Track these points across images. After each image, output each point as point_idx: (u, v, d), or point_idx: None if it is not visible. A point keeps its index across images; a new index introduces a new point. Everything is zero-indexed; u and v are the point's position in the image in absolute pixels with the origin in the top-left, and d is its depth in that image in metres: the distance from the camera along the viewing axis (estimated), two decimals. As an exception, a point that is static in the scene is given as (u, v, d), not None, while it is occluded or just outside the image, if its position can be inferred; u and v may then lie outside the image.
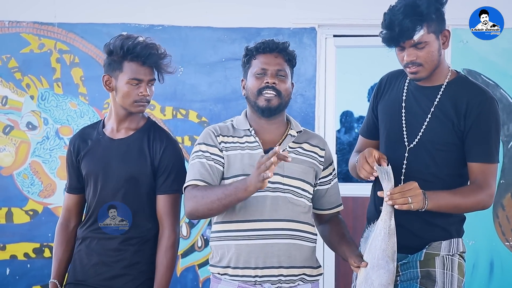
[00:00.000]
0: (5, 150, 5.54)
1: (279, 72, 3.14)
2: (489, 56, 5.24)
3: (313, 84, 5.52)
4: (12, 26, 5.55)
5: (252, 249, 3.04)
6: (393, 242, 2.93)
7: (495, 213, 5.35)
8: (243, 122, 3.20)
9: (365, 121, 3.44)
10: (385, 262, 2.90)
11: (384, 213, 2.95)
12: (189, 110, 5.53)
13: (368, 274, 2.92)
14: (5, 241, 5.52)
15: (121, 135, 3.41)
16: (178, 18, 5.54)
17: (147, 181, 3.34)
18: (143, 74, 3.33)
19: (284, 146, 3.14)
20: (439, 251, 3.11)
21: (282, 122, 3.22)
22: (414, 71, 3.07)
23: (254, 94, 3.13)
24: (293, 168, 3.12)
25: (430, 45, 3.04)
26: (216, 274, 3.13)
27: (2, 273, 5.50)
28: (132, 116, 3.40)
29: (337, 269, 5.61)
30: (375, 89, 3.39)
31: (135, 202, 3.33)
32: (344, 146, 7.84)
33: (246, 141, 3.15)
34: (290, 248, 3.07)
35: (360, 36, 5.66)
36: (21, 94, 5.54)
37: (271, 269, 3.05)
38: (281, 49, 3.19)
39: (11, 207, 5.53)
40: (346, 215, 5.64)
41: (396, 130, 3.19)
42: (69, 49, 5.50)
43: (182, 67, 5.51)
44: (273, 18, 5.51)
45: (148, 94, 3.33)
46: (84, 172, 3.41)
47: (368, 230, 3.03)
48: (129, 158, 3.35)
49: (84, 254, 3.38)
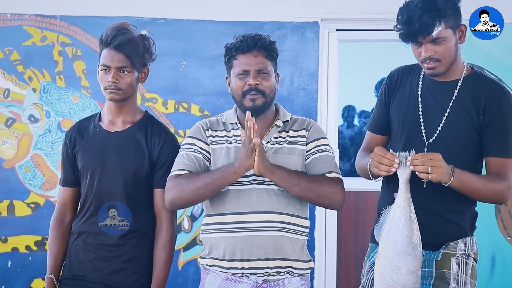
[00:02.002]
0: (7, 143, 5.54)
1: (261, 71, 3.14)
2: (493, 51, 5.24)
3: (315, 78, 5.51)
4: (15, 19, 5.55)
5: (238, 242, 3.07)
6: (416, 228, 2.92)
7: (497, 208, 5.35)
8: (232, 116, 3.24)
9: (375, 116, 3.41)
10: (411, 248, 2.90)
11: (402, 199, 2.94)
12: (191, 104, 5.53)
13: (393, 261, 2.91)
14: (6, 233, 5.52)
15: (118, 128, 3.39)
16: (181, 11, 5.54)
17: (144, 174, 3.33)
18: (110, 60, 3.30)
19: (269, 138, 3.17)
20: (456, 251, 3.11)
21: (271, 113, 3.24)
22: (432, 67, 3.07)
23: (239, 95, 3.15)
24: (278, 159, 3.13)
25: (447, 40, 3.04)
26: (206, 266, 3.17)
27: (4, 266, 5.51)
28: (125, 108, 3.38)
29: (338, 263, 5.61)
30: (385, 84, 3.37)
31: (132, 196, 3.33)
32: (346, 140, 7.83)
33: (234, 135, 3.18)
34: (276, 240, 3.08)
35: (363, 30, 5.65)
36: (23, 87, 5.53)
37: (257, 261, 3.07)
38: (260, 47, 3.16)
39: (13, 200, 5.53)
40: (348, 209, 5.67)
41: (414, 125, 3.18)
42: (72, 42, 5.50)
43: (185, 61, 5.51)
44: (276, 11, 5.50)
45: (115, 80, 3.28)
46: (80, 165, 3.39)
47: (383, 217, 3.01)
48: (126, 151, 3.34)
49: (81, 249, 3.36)
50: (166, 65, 5.49)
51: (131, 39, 3.32)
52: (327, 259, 5.57)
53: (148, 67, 3.46)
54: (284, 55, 5.48)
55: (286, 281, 3.12)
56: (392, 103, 3.30)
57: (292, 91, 5.51)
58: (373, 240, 3.22)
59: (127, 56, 3.31)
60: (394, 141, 3.28)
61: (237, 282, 3.09)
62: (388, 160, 2.96)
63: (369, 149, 3.30)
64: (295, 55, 5.52)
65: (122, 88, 3.30)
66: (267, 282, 3.09)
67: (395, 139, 3.27)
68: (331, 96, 5.63)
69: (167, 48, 5.50)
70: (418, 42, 3.06)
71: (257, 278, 3.07)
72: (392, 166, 2.96)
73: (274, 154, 3.12)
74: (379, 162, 2.99)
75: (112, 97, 3.33)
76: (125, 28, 3.34)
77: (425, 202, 3.08)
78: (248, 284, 3.08)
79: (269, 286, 3.09)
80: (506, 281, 5.38)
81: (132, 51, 3.32)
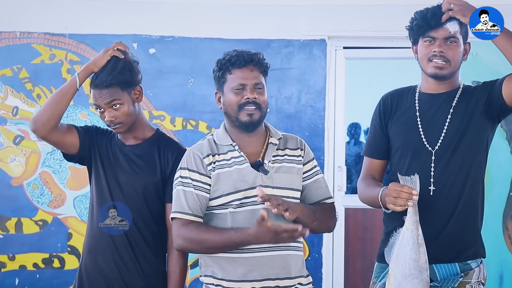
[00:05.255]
0: (15, 160, 5.56)
1: (257, 86, 3.12)
2: (498, 69, 5.20)
3: (322, 95, 5.53)
4: (24, 37, 5.58)
5: (249, 262, 3.03)
6: (423, 252, 2.93)
7: (504, 225, 5.34)
8: (225, 137, 3.17)
9: (372, 142, 3.39)
10: (418, 271, 2.92)
11: (410, 222, 2.95)
12: (199, 121, 5.54)
13: (401, 284, 2.93)
14: (14, 251, 5.53)
15: (130, 143, 3.40)
16: (189, 29, 5.57)
17: (155, 189, 3.33)
18: (98, 99, 3.30)
19: (269, 157, 3.14)
20: (471, 279, 3.13)
21: (261, 131, 3.21)
22: (440, 66, 3.12)
23: (234, 109, 3.11)
24: (281, 178, 3.11)
25: (458, 45, 3.13)
26: (210, 285, 3.10)
27: (11, 283, 5.51)
28: (135, 128, 3.38)
29: (346, 281, 5.61)
30: (378, 109, 3.38)
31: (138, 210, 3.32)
32: (352, 157, 7.84)
33: (232, 157, 3.13)
34: (286, 259, 3.07)
35: (370, 48, 5.68)
36: (31, 105, 5.56)
37: (268, 281, 3.04)
38: (256, 62, 3.15)
39: (20, 217, 5.54)
40: (355, 226, 5.66)
41: (416, 140, 3.18)
42: (80, 60, 5.53)
43: (192, 78, 5.53)
44: (283, 29, 5.53)
45: (111, 118, 3.29)
46: (93, 169, 3.40)
47: (393, 239, 3.01)
48: (137, 165, 3.34)
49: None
50: (174, 83, 5.52)
51: (110, 70, 3.29)
52: (335, 276, 5.56)
53: (139, 85, 3.40)
54: (292, 73, 5.51)
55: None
56: (390, 125, 3.30)
57: (299, 108, 5.53)
58: (380, 260, 3.23)
59: (112, 90, 3.28)
60: (398, 160, 3.26)
61: None
62: (406, 193, 2.93)
63: (371, 176, 3.33)
64: (303, 73, 5.54)
65: (122, 122, 3.30)
66: None
67: (399, 158, 3.25)
68: (338, 114, 5.64)
69: (175, 66, 5.53)
70: (431, 38, 3.11)
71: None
72: (412, 198, 2.93)
73: (276, 173, 3.10)
74: (397, 197, 2.96)
75: (118, 132, 3.36)
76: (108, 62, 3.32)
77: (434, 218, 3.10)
78: None
79: None
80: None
81: (114, 82, 3.28)
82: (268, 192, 3.03)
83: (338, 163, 5.66)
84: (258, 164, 3.10)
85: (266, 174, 3.08)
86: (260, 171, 3.08)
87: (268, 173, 3.08)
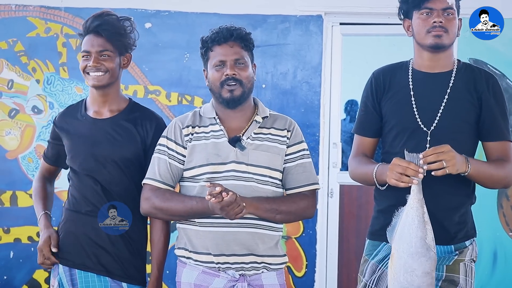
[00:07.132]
0: (10, 134, 5.56)
1: (238, 61, 3.12)
2: (496, 46, 5.23)
3: (318, 72, 5.51)
4: (19, 10, 5.56)
5: (215, 237, 3.06)
6: (429, 229, 2.91)
7: (499, 203, 5.36)
8: (210, 110, 3.20)
9: (363, 119, 3.34)
10: (426, 249, 2.89)
11: (415, 201, 2.92)
12: (194, 96, 5.53)
13: (407, 263, 2.90)
14: (9, 224, 5.54)
15: (105, 117, 3.35)
16: (185, 4, 5.54)
17: (138, 161, 3.31)
18: (90, 45, 3.27)
19: (249, 133, 3.14)
20: (465, 257, 3.13)
21: (249, 107, 3.21)
22: (440, 34, 3.09)
23: (217, 86, 3.13)
24: (258, 156, 3.11)
25: (454, 17, 3.12)
26: (182, 258, 3.16)
27: (6, 256, 5.53)
28: (110, 97, 3.34)
29: (340, 257, 5.63)
30: (370, 86, 3.31)
31: (120, 183, 3.30)
32: (348, 134, 7.83)
33: (211, 130, 3.15)
34: (253, 237, 3.08)
35: (366, 24, 5.66)
36: (27, 78, 5.54)
37: (233, 257, 3.06)
38: (236, 37, 3.15)
39: (15, 191, 5.55)
40: (350, 203, 5.67)
41: (411, 119, 3.16)
42: (75, 34, 5.49)
43: (188, 53, 5.51)
44: (280, 5, 5.51)
45: (96, 64, 3.24)
46: (70, 155, 3.37)
47: (395, 219, 2.97)
48: (115, 138, 3.30)
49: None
50: (169, 58, 5.50)
51: (111, 21, 3.29)
52: (329, 253, 5.58)
53: (130, 53, 3.40)
54: (288, 49, 5.49)
55: (262, 276, 3.12)
56: (383, 103, 3.26)
57: (295, 84, 5.52)
58: (372, 237, 3.24)
59: (107, 40, 3.27)
60: (392, 139, 3.23)
61: (214, 276, 3.08)
62: (413, 170, 2.90)
63: (363, 154, 3.30)
64: (299, 49, 5.52)
65: (103, 70, 3.26)
66: (244, 276, 3.08)
67: (394, 137, 3.23)
68: (334, 90, 5.64)
69: (170, 41, 5.51)
70: (428, 9, 3.09)
71: (234, 273, 3.07)
72: (418, 176, 2.90)
73: (254, 151, 3.10)
74: (402, 173, 2.92)
75: (95, 80, 3.27)
76: (105, 13, 3.31)
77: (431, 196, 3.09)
78: (225, 278, 3.07)
79: (246, 281, 3.08)
80: (508, 276, 5.39)
81: (112, 33, 3.28)
82: (242, 169, 3.07)
83: (334, 140, 5.66)
84: (235, 140, 3.11)
85: (242, 150, 3.09)
86: (237, 147, 3.09)
87: (245, 150, 3.09)
